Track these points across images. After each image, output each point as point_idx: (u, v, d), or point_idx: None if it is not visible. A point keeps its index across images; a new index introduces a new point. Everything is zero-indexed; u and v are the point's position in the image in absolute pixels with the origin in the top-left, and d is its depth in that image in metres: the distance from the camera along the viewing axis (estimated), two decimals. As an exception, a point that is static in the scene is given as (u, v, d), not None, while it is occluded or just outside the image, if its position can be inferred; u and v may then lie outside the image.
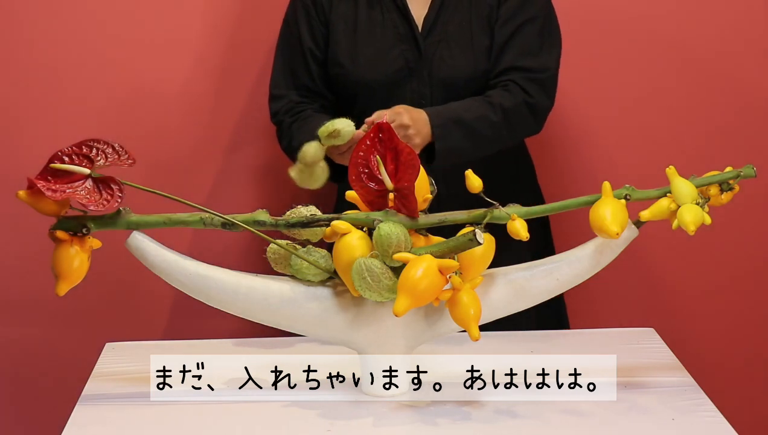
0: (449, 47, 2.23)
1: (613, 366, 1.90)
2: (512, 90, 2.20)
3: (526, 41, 2.23)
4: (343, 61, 2.25)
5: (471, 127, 2.12)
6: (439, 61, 2.22)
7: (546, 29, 2.27)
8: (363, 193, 1.70)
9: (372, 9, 2.25)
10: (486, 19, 2.23)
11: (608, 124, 2.68)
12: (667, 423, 1.69)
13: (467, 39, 2.23)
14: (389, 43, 2.24)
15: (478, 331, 1.64)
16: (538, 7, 2.25)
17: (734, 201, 1.77)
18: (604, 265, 1.75)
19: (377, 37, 2.24)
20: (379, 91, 2.23)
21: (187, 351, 2.02)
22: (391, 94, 2.21)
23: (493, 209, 1.69)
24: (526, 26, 2.23)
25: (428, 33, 2.23)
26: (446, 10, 2.23)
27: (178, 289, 1.76)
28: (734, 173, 1.73)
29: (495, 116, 2.15)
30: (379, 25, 2.25)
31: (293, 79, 2.30)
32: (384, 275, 1.64)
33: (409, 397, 1.78)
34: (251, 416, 1.73)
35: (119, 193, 1.67)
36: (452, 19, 2.23)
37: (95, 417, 1.74)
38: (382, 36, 2.24)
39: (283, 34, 2.33)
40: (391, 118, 2.04)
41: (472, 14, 2.23)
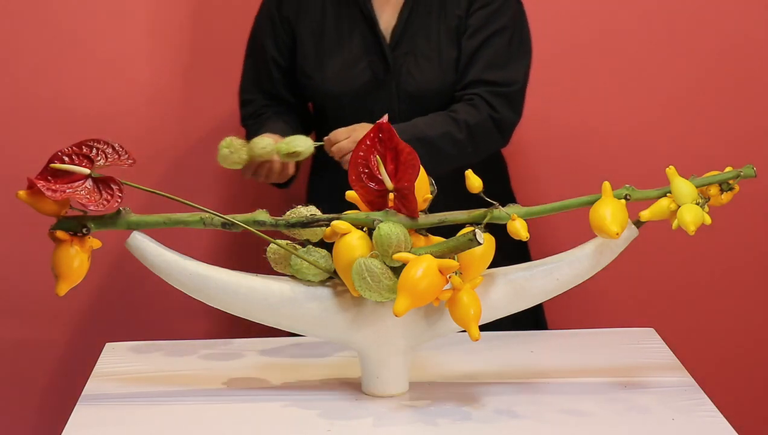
0: (417, 60, 2.21)
1: (613, 366, 1.90)
2: (477, 105, 2.17)
3: (494, 53, 2.20)
4: (310, 72, 2.25)
5: (435, 145, 2.11)
6: (406, 75, 2.21)
7: (515, 41, 2.23)
8: (363, 193, 1.70)
9: (339, 20, 2.24)
10: (454, 31, 2.21)
11: (608, 124, 2.68)
12: (667, 423, 1.69)
13: (435, 52, 2.21)
14: (356, 55, 2.22)
15: (478, 331, 1.64)
16: (508, 18, 2.22)
17: (734, 201, 1.77)
18: (604, 265, 1.75)
19: (344, 49, 2.23)
20: (347, 102, 2.22)
21: (187, 351, 2.02)
22: (359, 105, 2.20)
23: (493, 209, 1.69)
24: (494, 38, 2.21)
25: (396, 45, 2.21)
26: (414, 22, 2.21)
27: (178, 289, 1.76)
28: (734, 173, 1.74)
29: (459, 133, 2.13)
30: (346, 37, 2.23)
31: (259, 85, 2.33)
32: (384, 275, 1.64)
33: (409, 397, 1.78)
34: (251, 416, 1.73)
35: (119, 193, 1.67)
36: (420, 31, 2.21)
37: (95, 417, 1.74)
38: (349, 48, 2.23)
39: (250, 41, 2.36)
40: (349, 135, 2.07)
41: (440, 26, 2.21)
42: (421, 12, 2.21)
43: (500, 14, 2.21)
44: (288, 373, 1.89)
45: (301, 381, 1.86)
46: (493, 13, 2.21)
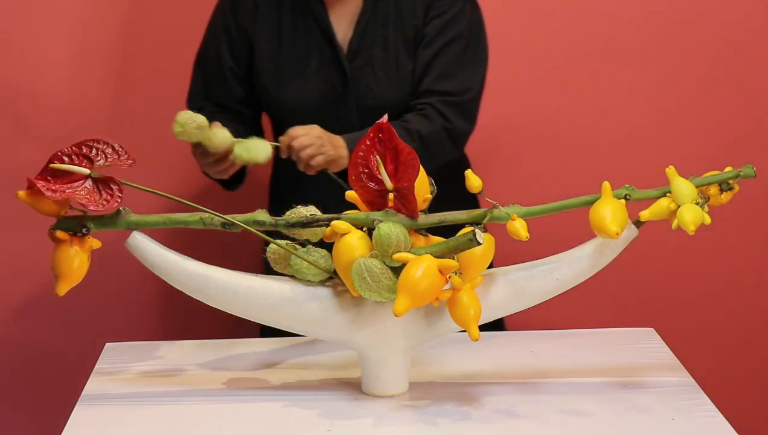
0: (374, 73, 2.18)
1: (613, 366, 1.90)
2: (430, 115, 2.15)
3: (448, 62, 2.18)
4: (267, 84, 2.22)
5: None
6: (365, 88, 2.18)
7: (470, 49, 2.21)
8: (363, 193, 1.70)
9: (296, 32, 2.21)
10: (412, 41, 2.19)
11: (608, 124, 2.69)
12: (667, 423, 1.69)
13: (393, 63, 2.19)
14: (314, 68, 2.20)
15: (478, 331, 1.64)
16: (463, 27, 2.20)
17: (734, 201, 1.77)
18: (604, 265, 1.75)
19: (302, 62, 2.20)
20: (305, 115, 2.17)
21: (187, 351, 2.02)
22: (318, 118, 2.15)
23: (493, 209, 1.69)
24: (448, 47, 2.18)
25: (353, 57, 2.18)
26: (371, 33, 2.19)
27: (178, 289, 1.76)
28: (734, 173, 1.74)
29: (412, 143, 2.08)
30: (303, 49, 2.20)
31: (210, 96, 2.28)
32: (384, 275, 1.64)
33: (409, 397, 1.78)
34: (251, 416, 1.73)
35: (119, 193, 1.67)
36: (377, 43, 2.19)
37: (95, 417, 1.74)
38: (306, 60, 2.20)
39: (202, 51, 2.30)
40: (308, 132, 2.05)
41: (397, 37, 2.18)
42: (377, 23, 2.19)
43: (455, 23, 2.19)
44: (288, 373, 1.89)
45: (301, 381, 1.86)
46: (448, 22, 2.18)
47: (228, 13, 2.25)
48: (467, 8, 2.21)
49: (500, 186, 2.62)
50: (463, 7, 2.20)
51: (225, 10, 2.26)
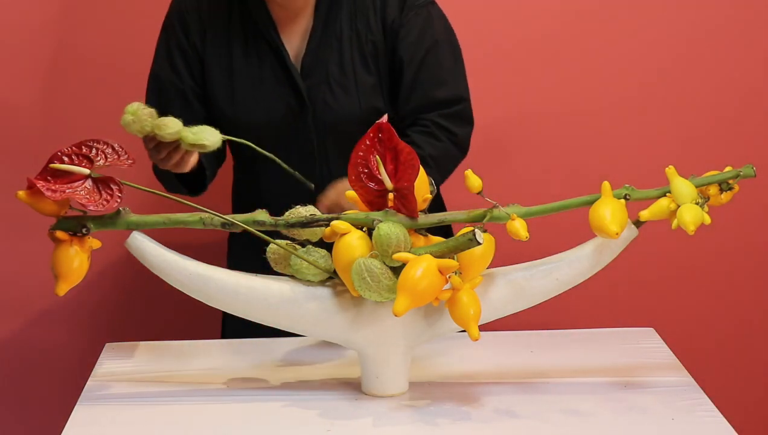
0: (331, 89, 2.11)
1: (613, 366, 1.90)
2: (436, 133, 2.10)
3: (434, 72, 2.12)
4: (222, 106, 2.14)
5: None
6: (322, 105, 2.10)
7: (449, 52, 2.15)
8: (363, 193, 1.70)
9: (247, 51, 2.12)
10: (370, 56, 2.12)
11: (608, 124, 2.68)
12: (667, 423, 1.69)
13: (351, 79, 2.11)
14: (268, 87, 2.12)
15: (478, 331, 1.64)
16: (436, 32, 2.13)
17: (734, 201, 1.77)
18: (604, 265, 1.75)
19: (255, 82, 2.12)
20: (263, 135, 2.07)
21: (186, 351, 2.02)
22: (275, 137, 2.09)
23: (493, 209, 1.69)
24: (430, 56, 2.12)
25: (308, 75, 2.11)
26: (324, 50, 2.11)
27: (178, 289, 1.76)
28: (734, 173, 1.74)
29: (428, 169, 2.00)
30: (256, 69, 2.12)
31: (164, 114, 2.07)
32: (384, 275, 1.64)
33: (409, 397, 1.78)
34: (251, 416, 1.73)
35: (119, 193, 1.67)
36: (331, 59, 2.11)
37: (95, 417, 1.74)
38: (260, 80, 2.12)
39: (156, 75, 2.17)
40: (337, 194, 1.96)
41: (353, 52, 2.12)
42: (331, 39, 2.12)
43: (427, 31, 2.12)
44: (288, 373, 1.89)
45: (301, 381, 1.86)
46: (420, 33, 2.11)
47: (179, 32, 2.15)
48: (433, 13, 2.15)
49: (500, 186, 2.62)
50: (429, 14, 2.14)
51: (175, 29, 2.16)
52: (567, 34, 2.64)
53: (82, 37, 2.60)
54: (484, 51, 2.63)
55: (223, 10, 2.13)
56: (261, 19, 2.11)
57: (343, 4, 2.11)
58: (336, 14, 2.11)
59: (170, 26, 2.17)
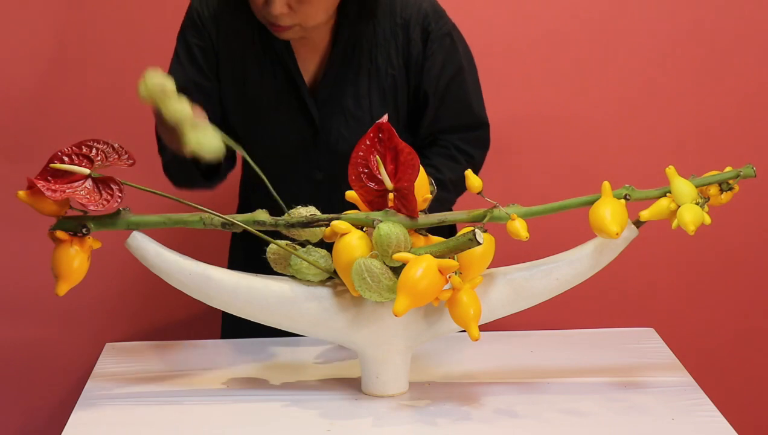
0: (346, 121, 2.08)
1: (613, 366, 1.90)
2: (456, 156, 2.10)
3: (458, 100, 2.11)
4: (232, 122, 2.10)
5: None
6: (336, 135, 2.08)
7: (471, 78, 2.14)
8: (363, 193, 1.70)
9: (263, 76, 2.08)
10: (389, 91, 2.09)
11: (608, 124, 2.68)
12: (667, 423, 1.69)
13: (365, 112, 2.08)
14: (281, 113, 2.08)
15: (478, 331, 1.64)
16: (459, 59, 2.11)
17: (734, 201, 1.77)
18: (604, 265, 1.75)
19: (268, 106, 2.08)
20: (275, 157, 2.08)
21: (187, 351, 2.02)
22: (287, 160, 2.09)
23: (493, 209, 1.69)
24: (453, 85, 2.10)
25: (323, 105, 2.08)
26: (341, 82, 2.08)
27: (178, 289, 1.76)
28: (734, 173, 1.74)
29: (449, 194, 2.06)
30: (270, 92, 2.08)
31: None
32: (384, 275, 1.64)
33: (409, 397, 1.78)
34: (251, 416, 1.73)
35: (119, 193, 1.67)
36: (347, 91, 2.08)
37: (95, 417, 1.74)
38: (274, 105, 2.08)
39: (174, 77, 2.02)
40: None
41: (371, 85, 2.08)
42: (349, 71, 2.08)
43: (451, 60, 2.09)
44: (288, 373, 1.89)
45: (301, 381, 1.86)
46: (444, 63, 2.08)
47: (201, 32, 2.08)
48: (455, 38, 2.12)
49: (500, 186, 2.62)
50: (451, 42, 2.11)
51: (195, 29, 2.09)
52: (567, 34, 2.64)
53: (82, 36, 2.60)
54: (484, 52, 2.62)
55: (242, 25, 2.07)
56: (279, 45, 2.06)
57: (363, 38, 2.07)
58: (356, 47, 2.07)
59: (189, 27, 2.10)
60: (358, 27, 2.05)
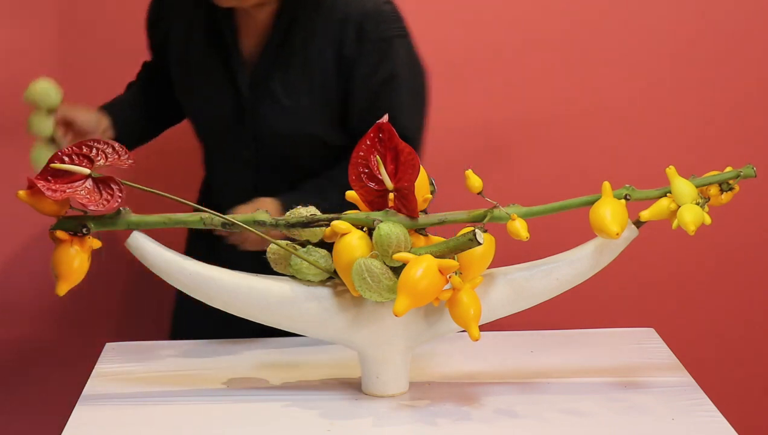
0: (272, 107, 2.09)
1: (613, 366, 1.90)
2: None
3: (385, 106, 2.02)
4: (176, 92, 2.22)
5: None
6: (261, 119, 2.10)
7: (405, 88, 2.10)
8: (363, 193, 1.70)
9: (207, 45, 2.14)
10: (318, 84, 2.08)
11: (608, 124, 2.68)
12: (666, 423, 1.69)
13: (293, 101, 2.08)
14: (216, 87, 2.14)
15: (478, 331, 1.64)
16: (396, 66, 2.09)
17: (734, 201, 1.77)
18: (604, 265, 1.75)
19: (205, 78, 2.15)
20: (210, 132, 2.19)
21: (187, 351, 2.02)
22: (219, 139, 2.16)
23: (493, 209, 1.69)
24: (383, 90, 2.08)
25: (254, 86, 2.10)
26: (274, 67, 2.09)
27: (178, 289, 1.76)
28: (734, 173, 1.74)
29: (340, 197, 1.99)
30: (209, 66, 2.14)
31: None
32: (384, 275, 1.64)
33: (409, 397, 1.78)
34: (251, 416, 1.73)
35: (119, 193, 1.67)
36: (278, 77, 2.09)
37: (95, 417, 1.74)
38: (210, 78, 2.14)
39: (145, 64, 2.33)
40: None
41: (301, 76, 2.08)
42: (281, 58, 2.09)
43: (385, 64, 2.07)
44: (288, 373, 1.89)
45: (301, 381, 1.86)
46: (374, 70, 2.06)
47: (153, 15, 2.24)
48: (396, 46, 2.09)
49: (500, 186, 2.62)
50: (389, 48, 2.08)
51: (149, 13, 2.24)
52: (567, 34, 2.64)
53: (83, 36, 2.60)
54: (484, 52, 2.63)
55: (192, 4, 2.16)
56: (225, 22, 2.11)
57: (301, 27, 2.08)
58: (292, 35, 2.08)
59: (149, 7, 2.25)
60: (297, 14, 2.07)
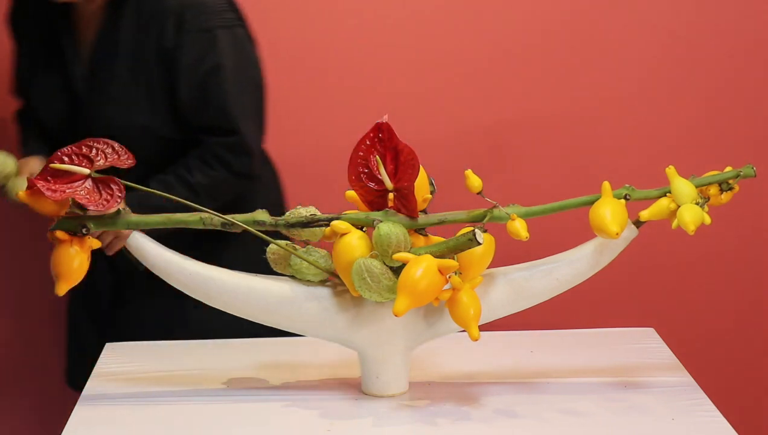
0: (103, 101, 2.11)
1: (613, 366, 1.90)
2: (210, 162, 2.10)
3: (209, 97, 2.09)
4: (20, 92, 2.24)
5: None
6: (95, 114, 2.12)
7: (232, 79, 2.10)
8: (363, 193, 1.70)
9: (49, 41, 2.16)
10: (143, 78, 2.09)
11: (608, 124, 2.68)
12: (667, 423, 1.69)
13: (122, 94, 2.10)
14: (52, 83, 2.16)
15: (478, 331, 1.64)
16: (221, 57, 2.08)
17: (734, 201, 1.77)
18: (604, 265, 1.75)
19: (43, 75, 2.17)
20: (51, 129, 2.19)
21: (187, 351, 2.02)
22: (59, 135, 2.14)
23: (493, 209, 1.69)
24: (208, 81, 2.08)
25: (86, 82, 2.13)
26: (102, 62, 2.11)
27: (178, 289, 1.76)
28: (734, 173, 1.74)
29: (197, 197, 2.00)
30: (48, 62, 2.16)
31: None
32: (384, 275, 1.64)
33: (409, 397, 1.78)
34: (251, 416, 1.73)
35: (119, 193, 1.67)
36: (106, 71, 2.11)
37: (95, 417, 1.74)
38: (47, 74, 2.17)
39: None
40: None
41: (128, 70, 2.09)
42: (107, 52, 2.10)
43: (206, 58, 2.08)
44: (288, 373, 1.89)
45: (301, 381, 1.86)
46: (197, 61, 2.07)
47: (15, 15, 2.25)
48: (221, 37, 2.09)
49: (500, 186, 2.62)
50: (214, 38, 2.08)
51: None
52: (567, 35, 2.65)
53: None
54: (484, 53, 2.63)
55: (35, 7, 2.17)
56: (61, 20, 2.13)
57: (125, 19, 2.09)
58: (119, 27, 2.09)
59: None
60: (123, 7, 2.09)
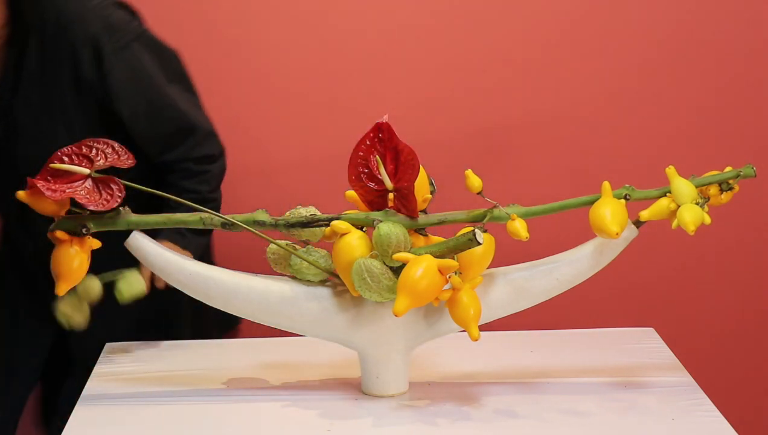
0: (18, 138, 2.03)
1: (613, 366, 1.90)
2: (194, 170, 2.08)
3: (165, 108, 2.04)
4: None
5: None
6: (12, 147, 2.04)
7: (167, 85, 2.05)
8: (363, 193, 1.70)
9: None
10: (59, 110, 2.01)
11: (608, 124, 2.68)
12: (667, 423, 1.69)
13: (36, 124, 2.02)
14: None
15: (478, 331, 1.64)
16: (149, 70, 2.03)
17: (734, 201, 1.77)
18: (604, 265, 1.75)
19: None
20: None
21: (187, 351, 2.02)
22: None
23: (493, 209, 1.69)
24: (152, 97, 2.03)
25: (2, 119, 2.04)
26: (12, 95, 2.02)
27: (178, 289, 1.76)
28: (734, 173, 1.74)
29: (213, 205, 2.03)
30: None
31: None
32: (384, 275, 1.64)
33: (409, 397, 1.78)
34: (251, 416, 1.73)
35: (119, 193, 1.67)
36: (18, 105, 2.02)
37: (95, 417, 1.74)
38: None
39: None
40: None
41: (43, 101, 2.01)
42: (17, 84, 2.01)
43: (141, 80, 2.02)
44: (288, 373, 1.89)
45: (301, 381, 1.86)
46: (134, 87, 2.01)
47: None
48: (136, 50, 2.03)
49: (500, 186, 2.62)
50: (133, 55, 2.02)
51: None
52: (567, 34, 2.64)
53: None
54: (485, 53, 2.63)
55: None
56: None
57: (32, 54, 2.00)
58: (26, 62, 2.00)
59: None
60: (27, 41, 1.99)
